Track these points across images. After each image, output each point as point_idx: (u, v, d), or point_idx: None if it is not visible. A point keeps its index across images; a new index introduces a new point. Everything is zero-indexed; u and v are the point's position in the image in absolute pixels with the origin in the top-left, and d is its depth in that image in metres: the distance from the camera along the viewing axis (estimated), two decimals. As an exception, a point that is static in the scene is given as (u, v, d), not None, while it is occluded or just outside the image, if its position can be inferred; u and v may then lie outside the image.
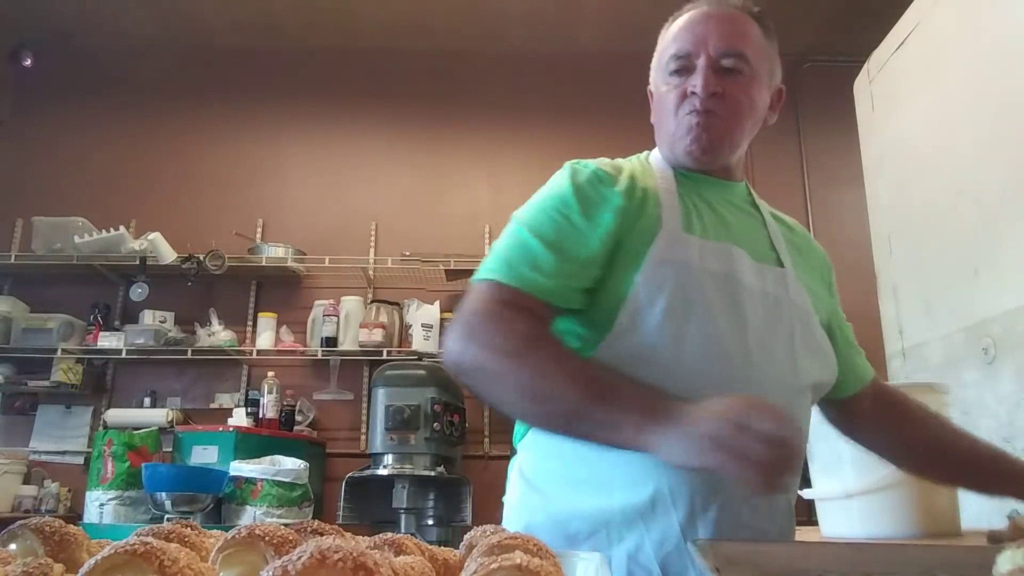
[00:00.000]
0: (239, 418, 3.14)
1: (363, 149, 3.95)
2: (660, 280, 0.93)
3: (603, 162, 1.07)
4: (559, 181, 1.04)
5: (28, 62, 3.88)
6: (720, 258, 0.97)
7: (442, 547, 0.54)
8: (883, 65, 2.09)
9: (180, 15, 3.85)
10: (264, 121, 3.95)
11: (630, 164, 1.09)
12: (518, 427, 1.08)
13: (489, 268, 0.95)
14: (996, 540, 0.92)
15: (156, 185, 3.82)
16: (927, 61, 1.89)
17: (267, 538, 0.47)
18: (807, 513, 3.31)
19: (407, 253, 3.56)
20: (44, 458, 3.44)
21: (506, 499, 1.07)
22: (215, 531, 0.53)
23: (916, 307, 1.92)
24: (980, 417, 1.59)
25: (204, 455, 2.83)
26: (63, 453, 3.45)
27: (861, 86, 2.22)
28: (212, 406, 3.47)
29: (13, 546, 0.47)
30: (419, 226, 3.77)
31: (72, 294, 3.57)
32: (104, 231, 3.44)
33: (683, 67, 1.04)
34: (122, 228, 3.44)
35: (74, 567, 0.43)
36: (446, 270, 3.50)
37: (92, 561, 0.37)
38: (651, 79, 1.13)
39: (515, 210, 1.08)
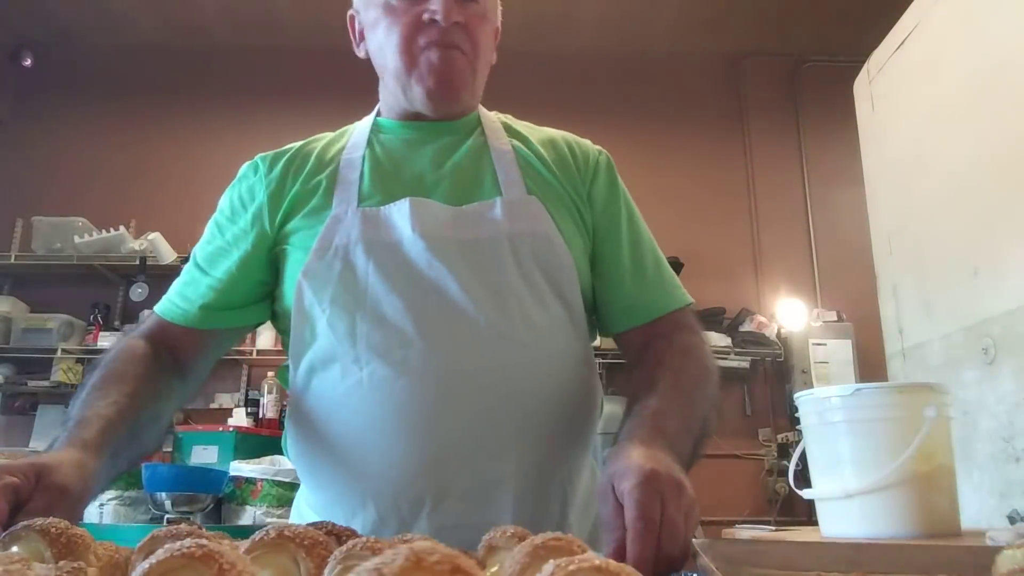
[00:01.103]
0: (239, 418, 3.14)
1: (363, 149, 3.95)
2: (326, 271, 0.82)
3: (273, 152, 0.94)
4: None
5: (28, 62, 3.88)
6: (393, 224, 0.84)
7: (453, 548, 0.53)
8: (883, 65, 2.09)
9: (180, 15, 3.85)
10: (264, 121, 3.94)
11: (309, 141, 0.97)
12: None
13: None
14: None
15: (156, 185, 3.82)
16: (927, 61, 1.89)
17: (298, 540, 0.46)
18: (807, 513, 3.32)
19: (407, 253, 3.56)
20: (44, 458, 3.44)
21: None
22: (215, 532, 0.52)
23: (916, 307, 1.92)
24: (980, 417, 1.59)
25: (204, 455, 2.83)
26: (63, 453, 3.45)
27: (861, 86, 2.22)
28: (212, 406, 3.48)
29: (16, 548, 0.46)
30: (419, 226, 3.77)
31: (72, 294, 3.57)
32: (104, 231, 3.44)
33: None
34: (122, 228, 3.44)
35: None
36: (446, 270, 3.50)
37: (146, 564, 0.36)
38: (356, 4, 0.96)
39: None
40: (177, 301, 0.90)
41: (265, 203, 0.89)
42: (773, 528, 1.32)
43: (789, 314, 3.70)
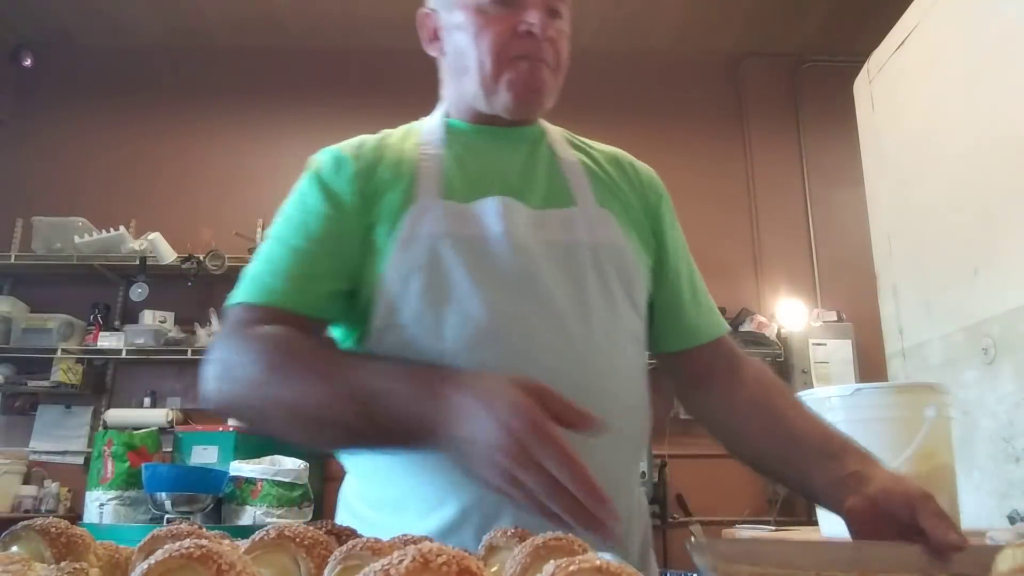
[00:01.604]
0: (239, 418, 3.14)
1: (363, 149, 3.95)
2: (411, 262, 0.81)
3: (348, 141, 0.93)
4: (302, 176, 0.91)
5: (28, 62, 3.88)
6: (481, 221, 0.84)
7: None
8: (883, 65, 2.09)
9: (180, 15, 3.85)
10: (264, 121, 3.95)
11: (384, 135, 0.96)
12: None
13: (237, 291, 0.84)
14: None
15: (156, 185, 3.82)
16: (927, 61, 1.89)
17: (298, 539, 0.45)
18: (807, 513, 3.32)
19: (407, 253, 3.56)
20: (44, 458, 3.44)
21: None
22: (215, 532, 0.52)
23: (916, 307, 1.92)
24: (980, 417, 1.59)
25: (204, 455, 2.83)
26: (63, 453, 3.45)
27: (861, 86, 2.22)
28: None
29: (15, 548, 0.46)
30: (419, 226, 3.77)
31: (72, 294, 3.57)
32: (104, 231, 3.44)
33: None
34: (122, 228, 3.44)
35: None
36: (446, 270, 3.50)
37: (145, 564, 0.36)
38: (434, 3, 0.96)
39: None
40: (284, 286, 0.83)
41: (356, 193, 0.86)
42: (773, 528, 1.31)
43: (789, 314, 3.70)
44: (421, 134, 0.95)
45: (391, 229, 0.83)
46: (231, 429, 2.89)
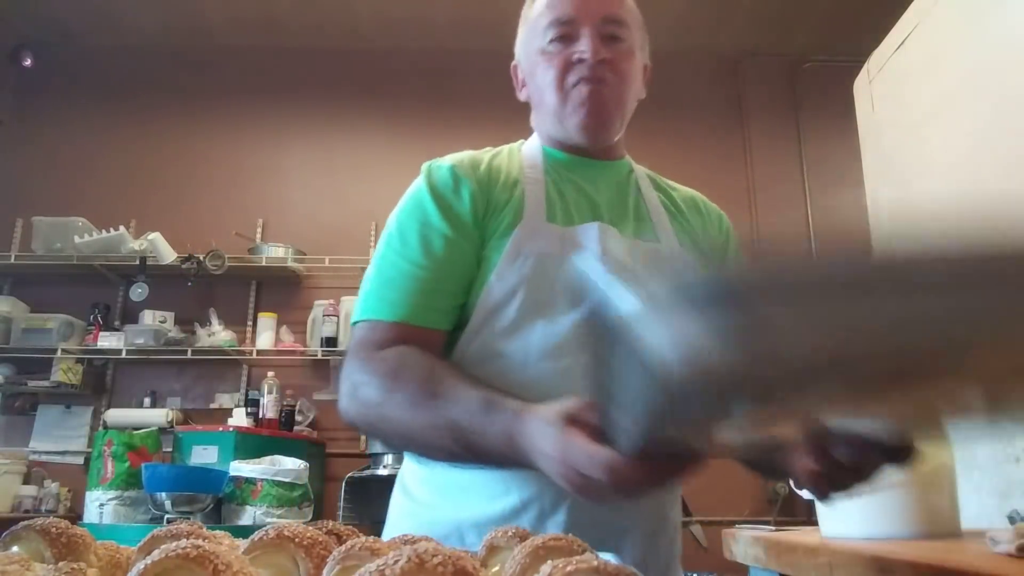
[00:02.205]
0: (239, 418, 3.14)
1: (363, 149, 3.95)
2: (515, 277, 0.89)
3: (460, 157, 1.00)
4: (415, 188, 0.98)
5: (28, 62, 3.88)
6: (583, 243, 0.91)
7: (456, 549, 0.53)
8: (883, 65, 2.09)
9: (180, 15, 3.85)
10: (264, 121, 3.95)
11: (491, 154, 1.02)
12: None
13: (359, 308, 0.90)
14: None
15: (156, 185, 3.82)
16: (927, 61, 1.89)
17: (297, 539, 0.45)
18: (807, 513, 3.32)
19: (407, 253, 3.56)
20: (44, 458, 3.44)
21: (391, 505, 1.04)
22: (218, 531, 0.52)
23: (916, 307, 1.92)
24: (980, 417, 1.59)
25: (204, 455, 2.83)
26: (63, 453, 3.45)
27: (861, 86, 2.22)
28: (212, 406, 3.48)
29: (16, 548, 0.46)
30: (419, 226, 3.77)
31: (72, 294, 3.57)
32: (104, 231, 3.44)
33: (565, 34, 0.98)
34: (122, 228, 3.44)
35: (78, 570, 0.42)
36: (446, 270, 3.50)
37: (141, 565, 0.36)
38: (519, 53, 1.07)
39: None
40: (410, 300, 0.89)
41: (474, 212, 0.94)
42: (773, 528, 1.31)
43: (789, 314, 3.70)
44: (523, 158, 1.02)
45: (500, 244, 0.91)
46: (231, 429, 2.89)
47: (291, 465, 2.74)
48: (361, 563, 0.40)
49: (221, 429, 2.91)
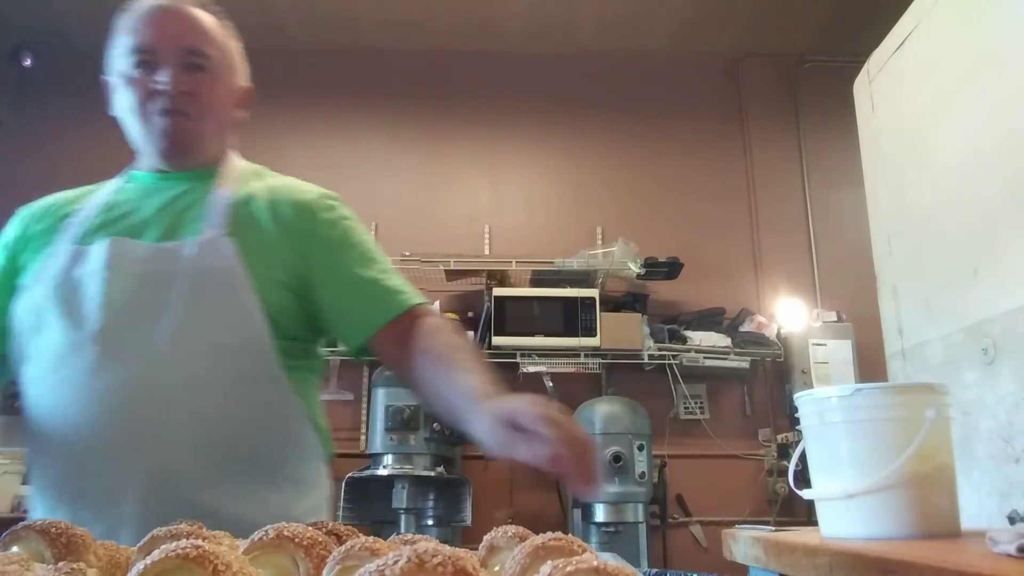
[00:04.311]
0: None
1: (363, 149, 3.95)
2: (29, 304, 0.97)
3: (43, 199, 1.14)
4: None
5: (28, 62, 3.88)
6: (90, 259, 0.97)
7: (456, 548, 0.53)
8: (883, 65, 2.09)
9: (180, 15, 3.85)
10: (264, 121, 3.94)
11: (69, 192, 1.14)
12: None
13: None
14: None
15: (156, 185, 3.82)
16: (927, 61, 1.89)
17: (296, 539, 0.46)
18: (807, 513, 3.32)
19: (407, 253, 3.56)
20: (44, 458, 3.43)
21: None
22: (218, 531, 0.52)
23: (916, 307, 1.92)
24: (980, 417, 1.59)
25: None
26: (63, 453, 3.44)
27: (861, 86, 2.22)
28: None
29: (16, 548, 0.46)
30: (419, 226, 3.77)
31: (72, 294, 3.57)
32: (104, 231, 3.43)
33: (145, 61, 1.01)
34: (122, 228, 3.44)
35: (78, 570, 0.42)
36: (446, 270, 3.50)
37: (141, 565, 0.36)
38: (110, 67, 1.09)
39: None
40: None
41: (11, 245, 1.06)
42: (773, 528, 1.31)
43: (789, 314, 3.70)
44: (110, 184, 1.12)
45: (29, 276, 1.00)
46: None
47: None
48: (361, 563, 0.40)
49: (221, 429, 2.91)
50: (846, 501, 1.09)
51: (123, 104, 1.05)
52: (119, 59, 1.05)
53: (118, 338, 0.93)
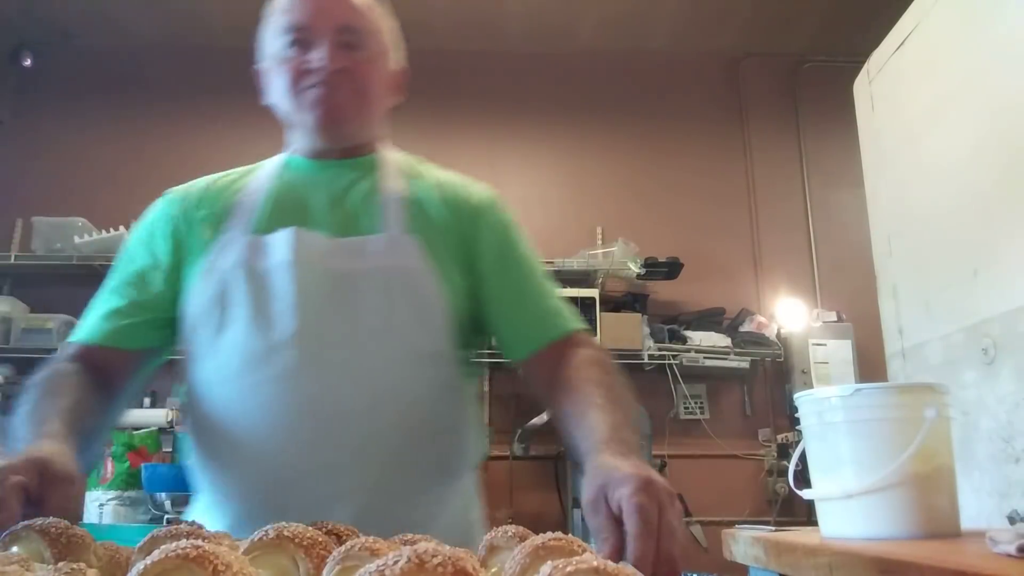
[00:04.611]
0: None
1: (363, 149, 3.95)
2: (206, 295, 0.91)
3: (187, 186, 1.05)
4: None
5: (28, 62, 3.88)
6: (272, 251, 0.91)
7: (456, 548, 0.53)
8: (883, 65, 2.09)
9: (181, 15, 3.85)
10: (264, 121, 3.94)
11: (218, 176, 1.07)
12: None
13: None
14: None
15: (156, 185, 3.79)
16: (927, 61, 1.89)
17: (296, 540, 0.45)
18: (807, 513, 3.32)
19: (407, 253, 3.55)
20: (44, 458, 3.44)
21: None
22: (218, 531, 0.52)
23: (916, 307, 1.92)
24: (980, 417, 1.59)
25: (204, 455, 2.83)
26: (63, 453, 3.44)
27: (861, 86, 2.22)
28: (212, 406, 3.47)
29: (16, 548, 0.46)
30: (419, 226, 3.77)
31: (72, 294, 3.56)
32: (104, 231, 3.44)
33: (300, 40, 0.97)
34: (122, 228, 3.44)
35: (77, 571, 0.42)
36: (446, 270, 3.50)
37: (141, 565, 0.36)
38: (261, 55, 1.05)
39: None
40: (101, 323, 0.95)
41: (174, 231, 0.98)
42: (773, 528, 1.31)
43: (789, 314, 3.70)
44: (263, 169, 1.06)
45: (198, 265, 0.93)
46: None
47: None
48: (361, 563, 0.40)
49: (221, 429, 2.91)
50: (846, 501, 1.09)
51: (276, 88, 1.01)
52: (272, 41, 1.01)
53: (316, 343, 0.87)
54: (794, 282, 3.84)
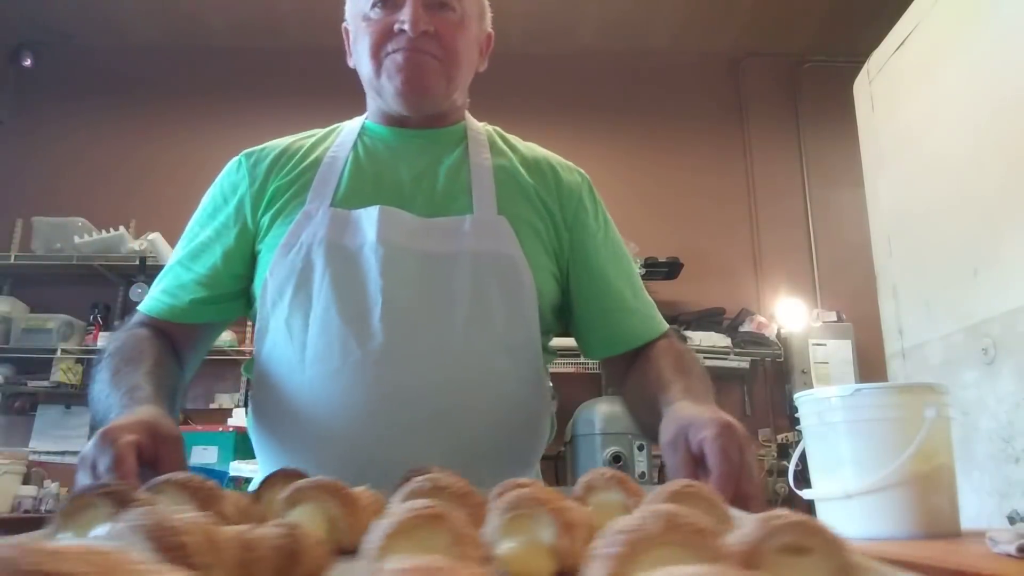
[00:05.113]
0: (239, 418, 3.14)
1: (363, 149, 3.95)
2: (287, 270, 0.85)
3: (263, 147, 0.98)
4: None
5: (28, 62, 3.88)
6: (359, 229, 0.86)
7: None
8: (883, 65, 2.09)
9: (180, 15, 3.85)
10: (264, 121, 3.94)
11: (297, 140, 0.99)
12: None
13: None
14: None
15: (156, 185, 3.82)
16: (927, 61, 1.89)
17: (450, 490, 0.45)
18: (807, 514, 3.32)
19: (407, 253, 3.56)
20: (44, 458, 3.44)
21: None
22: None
23: (916, 307, 1.92)
24: (980, 417, 1.59)
25: (204, 455, 2.83)
26: (63, 453, 3.45)
27: (861, 86, 2.22)
28: (212, 406, 3.47)
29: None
30: (419, 226, 3.78)
31: (72, 294, 3.57)
32: (104, 231, 3.44)
33: (387, 0, 0.90)
34: (122, 228, 3.44)
35: (221, 521, 0.39)
36: (446, 270, 3.50)
37: (380, 530, 0.34)
38: (347, 14, 0.99)
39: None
40: (164, 298, 0.91)
41: (247, 199, 0.92)
42: (773, 528, 1.31)
43: (789, 314, 3.70)
44: (338, 137, 0.98)
45: (279, 236, 0.87)
46: (231, 430, 2.89)
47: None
48: (533, 512, 0.38)
49: (221, 429, 2.91)
50: (846, 501, 1.09)
51: (358, 49, 0.94)
52: (358, 2, 0.94)
53: (408, 331, 0.82)
54: (794, 282, 3.84)
